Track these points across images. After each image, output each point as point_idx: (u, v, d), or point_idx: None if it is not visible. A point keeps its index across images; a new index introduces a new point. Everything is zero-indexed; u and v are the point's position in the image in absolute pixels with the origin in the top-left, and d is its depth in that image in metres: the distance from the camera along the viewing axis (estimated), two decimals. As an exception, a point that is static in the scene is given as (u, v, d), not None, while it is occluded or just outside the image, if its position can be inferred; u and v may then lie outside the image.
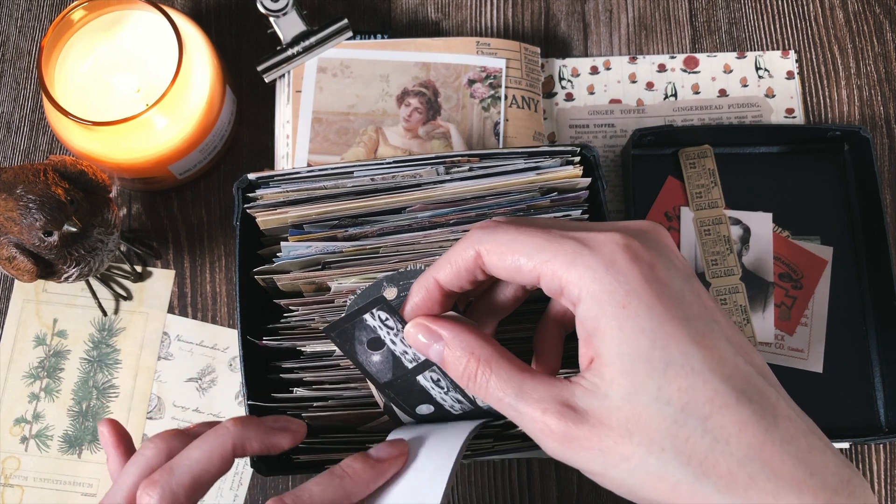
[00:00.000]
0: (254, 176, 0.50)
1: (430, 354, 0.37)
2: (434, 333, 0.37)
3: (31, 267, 0.52)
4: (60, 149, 0.65)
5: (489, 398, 0.35)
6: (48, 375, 0.61)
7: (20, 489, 0.59)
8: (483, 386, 0.35)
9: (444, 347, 0.36)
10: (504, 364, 0.35)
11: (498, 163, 0.50)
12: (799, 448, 0.32)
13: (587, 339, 0.34)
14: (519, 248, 0.35)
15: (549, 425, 0.33)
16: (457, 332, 0.36)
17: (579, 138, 0.66)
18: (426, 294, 0.38)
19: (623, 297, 0.32)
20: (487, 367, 0.35)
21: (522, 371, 0.35)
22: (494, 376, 0.35)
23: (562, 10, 0.69)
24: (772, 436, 0.31)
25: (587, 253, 0.33)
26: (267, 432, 0.40)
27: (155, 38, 0.58)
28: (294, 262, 0.48)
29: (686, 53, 0.68)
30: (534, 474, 0.60)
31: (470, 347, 0.36)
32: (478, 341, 0.36)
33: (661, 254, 0.34)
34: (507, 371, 0.35)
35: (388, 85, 0.63)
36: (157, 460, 0.39)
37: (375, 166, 0.49)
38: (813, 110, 0.67)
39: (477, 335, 0.36)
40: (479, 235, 0.36)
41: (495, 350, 0.36)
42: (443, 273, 0.37)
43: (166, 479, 0.37)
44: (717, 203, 0.63)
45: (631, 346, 0.32)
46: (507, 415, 0.35)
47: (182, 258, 0.63)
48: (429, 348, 0.37)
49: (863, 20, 0.68)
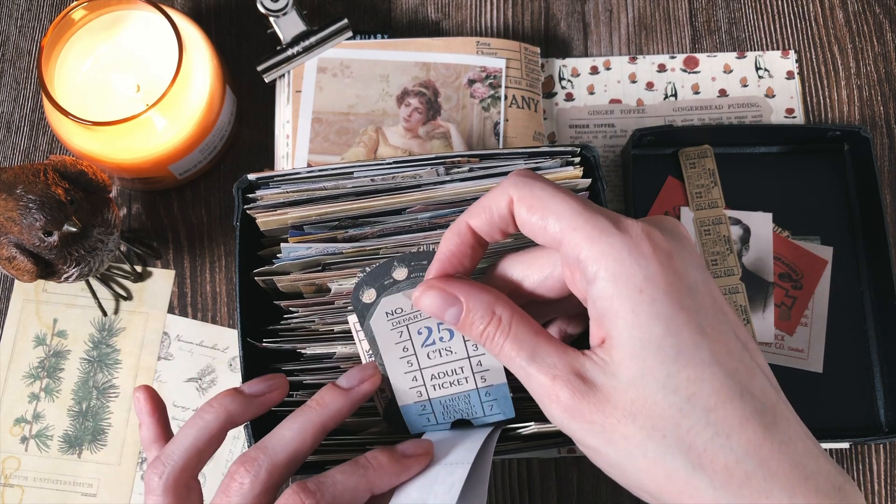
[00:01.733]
0: (254, 176, 0.50)
1: (445, 318, 0.36)
2: (450, 295, 0.36)
3: (31, 267, 0.52)
4: (60, 149, 0.65)
5: (502, 357, 0.35)
6: (48, 375, 0.61)
7: (20, 489, 0.59)
8: (499, 345, 0.35)
9: (463, 308, 0.35)
10: (522, 324, 0.35)
11: (498, 163, 0.50)
12: (796, 450, 0.32)
13: (599, 318, 0.33)
14: (552, 207, 0.34)
15: (558, 393, 0.33)
16: (475, 292, 0.36)
17: (579, 138, 0.66)
18: (459, 240, 0.37)
19: (641, 281, 0.32)
20: (507, 327, 0.35)
21: (538, 334, 0.35)
22: (512, 336, 0.35)
23: (562, 10, 0.69)
24: (771, 435, 0.31)
25: (615, 232, 0.33)
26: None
27: (155, 38, 0.58)
28: (294, 264, 0.48)
29: (686, 53, 0.68)
30: (534, 474, 0.60)
31: (490, 306, 0.35)
32: (497, 300, 0.36)
33: (680, 245, 0.34)
34: (524, 332, 0.35)
35: (388, 85, 0.63)
36: (217, 424, 0.39)
37: (375, 167, 0.49)
38: (813, 110, 0.67)
39: (495, 293, 0.36)
40: (515, 182, 0.35)
41: (514, 309, 0.35)
42: (477, 219, 0.36)
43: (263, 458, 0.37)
44: (717, 203, 0.63)
45: (643, 330, 0.32)
46: (517, 375, 0.35)
47: (182, 258, 0.63)
48: (444, 311, 0.36)
49: (863, 20, 0.68)
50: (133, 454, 0.60)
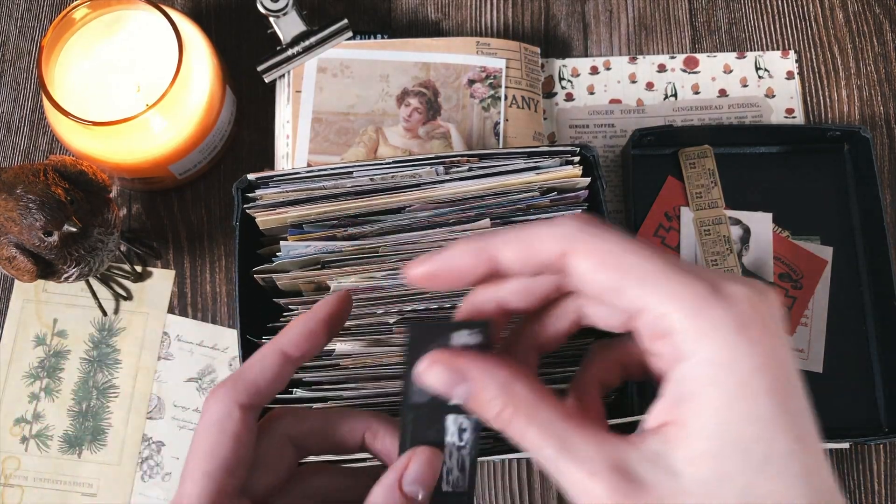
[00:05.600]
0: (253, 176, 0.50)
1: (453, 397, 0.31)
2: (457, 372, 0.30)
3: (31, 267, 0.52)
4: (60, 149, 0.65)
5: (525, 445, 0.29)
6: (48, 375, 0.61)
7: (20, 489, 0.59)
8: (519, 433, 0.29)
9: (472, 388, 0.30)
10: (545, 408, 0.29)
11: (497, 163, 0.50)
12: None
13: (677, 401, 0.28)
14: (629, 266, 0.28)
15: (596, 492, 0.27)
16: (487, 368, 0.30)
17: (579, 138, 0.66)
18: (475, 258, 0.31)
19: (746, 374, 0.27)
20: (526, 412, 0.29)
21: (567, 418, 0.29)
22: (535, 423, 0.29)
23: (562, 10, 0.69)
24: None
25: (718, 304, 0.27)
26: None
27: (155, 38, 0.58)
28: (293, 262, 0.48)
29: (686, 53, 0.68)
30: (534, 474, 0.60)
31: (505, 387, 0.30)
32: (515, 379, 0.30)
33: (781, 326, 0.29)
34: (550, 417, 0.29)
35: (388, 85, 0.63)
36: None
37: (375, 166, 0.49)
38: (813, 110, 0.67)
39: (512, 371, 0.30)
40: (579, 228, 0.29)
41: (535, 390, 0.30)
42: (510, 249, 0.30)
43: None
44: (717, 203, 0.63)
45: (734, 430, 0.27)
46: (544, 467, 0.29)
47: (182, 258, 0.63)
48: (451, 389, 0.31)
49: (863, 20, 0.68)
50: (133, 454, 0.60)
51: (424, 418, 0.34)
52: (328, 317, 0.34)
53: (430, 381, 0.31)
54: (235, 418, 0.32)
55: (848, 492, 0.60)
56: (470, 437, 0.33)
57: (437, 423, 0.33)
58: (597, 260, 0.29)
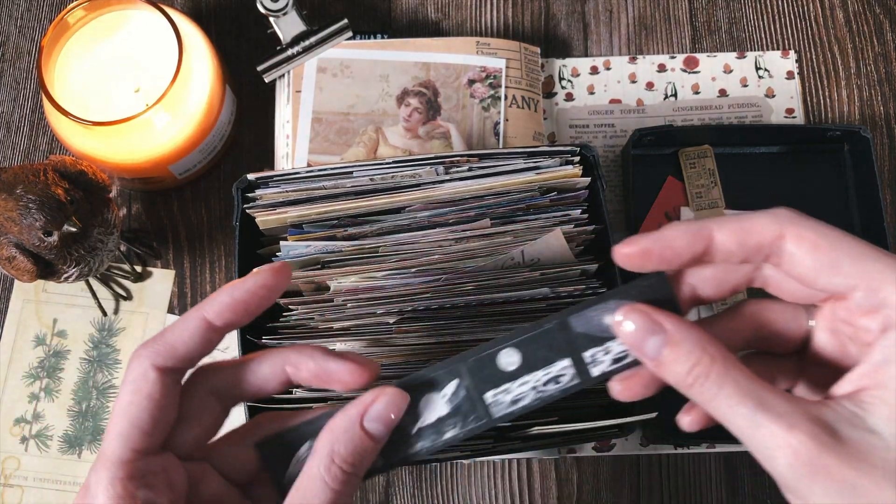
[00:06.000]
0: (253, 176, 0.50)
1: (644, 348, 0.32)
2: (655, 322, 0.32)
3: (31, 267, 0.52)
4: (60, 149, 0.65)
5: (717, 404, 0.31)
6: (48, 375, 0.61)
7: (20, 489, 0.59)
8: (712, 390, 0.30)
9: (666, 340, 0.31)
10: (737, 366, 0.31)
11: (497, 163, 0.50)
12: None
13: (879, 365, 0.30)
14: (845, 247, 0.31)
15: (795, 445, 0.29)
16: (684, 325, 0.32)
17: (579, 138, 0.66)
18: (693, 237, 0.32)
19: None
20: (721, 368, 0.30)
21: (758, 380, 0.31)
22: (731, 379, 0.30)
23: (562, 10, 0.69)
24: None
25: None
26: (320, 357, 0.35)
27: (155, 38, 0.58)
28: (293, 262, 0.48)
29: (686, 53, 0.68)
30: (534, 474, 0.60)
31: (700, 343, 0.31)
32: (708, 338, 0.31)
33: None
34: (742, 374, 0.30)
35: (388, 85, 0.63)
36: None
37: (375, 166, 0.49)
38: (813, 110, 0.67)
39: (705, 332, 0.32)
40: (790, 217, 0.32)
41: (728, 352, 0.31)
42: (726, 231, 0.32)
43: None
44: (717, 203, 0.63)
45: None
46: (734, 425, 0.31)
47: (182, 258, 0.63)
48: (644, 341, 0.32)
49: (863, 20, 0.68)
50: (133, 454, 0.60)
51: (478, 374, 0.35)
52: (257, 289, 0.34)
53: (625, 328, 0.32)
54: (151, 379, 0.33)
55: (848, 492, 0.59)
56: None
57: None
58: (812, 242, 0.31)
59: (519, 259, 0.48)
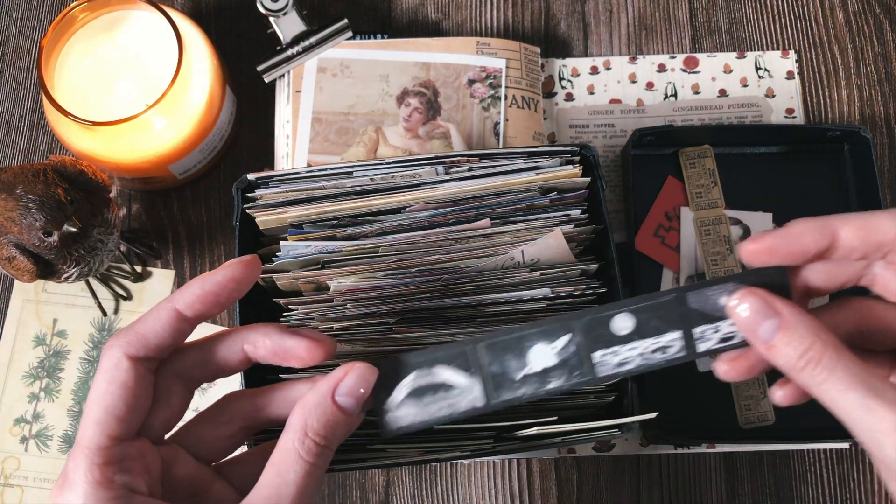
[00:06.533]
0: (253, 176, 0.50)
1: (758, 331, 0.33)
2: (771, 307, 0.33)
3: (31, 267, 0.52)
4: (60, 149, 0.65)
5: (827, 388, 0.32)
6: (48, 375, 0.61)
7: (20, 489, 0.59)
8: (823, 374, 0.32)
9: (780, 325, 0.33)
10: (848, 353, 0.32)
11: (497, 163, 0.50)
12: None
13: None
14: None
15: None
16: (798, 311, 0.33)
17: (579, 138, 0.66)
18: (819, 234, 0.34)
19: None
20: (835, 354, 0.32)
21: (868, 367, 0.32)
22: (843, 365, 0.31)
23: (562, 10, 0.69)
24: None
25: None
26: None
27: (155, 38, 0.58)
28: (293, 262, 0.48)
29: (686, 53, 0.68)
30: (534, 474, 0.60)
31: (814, 328, 0.32)
32: (822, 325, 0.33)
33: None
34: (853, 361, 0.32)
35: (387, 85, 0.63)
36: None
37: (375, 166, 0.49)
38: (813, 110, 0.67)
39: (817, 319, 0.33)
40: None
41: (839, 340, 0.32)
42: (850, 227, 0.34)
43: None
44: (717, 203, 0.63)
45: None
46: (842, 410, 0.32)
47: (182, 258, 0.63)
48: (758, 323, 0.33)
49: (863, 20, 0.68)
50: (133, 454, 0.60)
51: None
52: (227, 281, 0.35)
53: (741, 311, 0.34)
54: (124, 368, 0.34)
55: (848, 492, 0.60)
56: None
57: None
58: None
59: (519, 259, 0.48)
